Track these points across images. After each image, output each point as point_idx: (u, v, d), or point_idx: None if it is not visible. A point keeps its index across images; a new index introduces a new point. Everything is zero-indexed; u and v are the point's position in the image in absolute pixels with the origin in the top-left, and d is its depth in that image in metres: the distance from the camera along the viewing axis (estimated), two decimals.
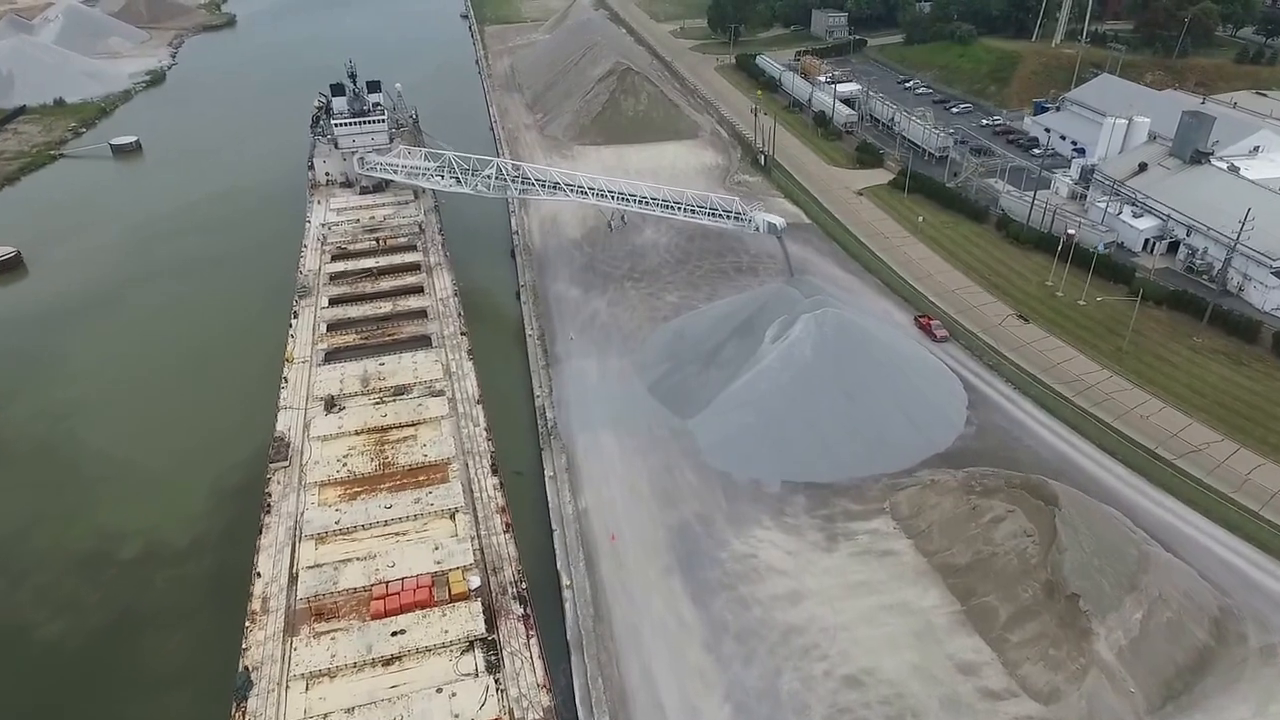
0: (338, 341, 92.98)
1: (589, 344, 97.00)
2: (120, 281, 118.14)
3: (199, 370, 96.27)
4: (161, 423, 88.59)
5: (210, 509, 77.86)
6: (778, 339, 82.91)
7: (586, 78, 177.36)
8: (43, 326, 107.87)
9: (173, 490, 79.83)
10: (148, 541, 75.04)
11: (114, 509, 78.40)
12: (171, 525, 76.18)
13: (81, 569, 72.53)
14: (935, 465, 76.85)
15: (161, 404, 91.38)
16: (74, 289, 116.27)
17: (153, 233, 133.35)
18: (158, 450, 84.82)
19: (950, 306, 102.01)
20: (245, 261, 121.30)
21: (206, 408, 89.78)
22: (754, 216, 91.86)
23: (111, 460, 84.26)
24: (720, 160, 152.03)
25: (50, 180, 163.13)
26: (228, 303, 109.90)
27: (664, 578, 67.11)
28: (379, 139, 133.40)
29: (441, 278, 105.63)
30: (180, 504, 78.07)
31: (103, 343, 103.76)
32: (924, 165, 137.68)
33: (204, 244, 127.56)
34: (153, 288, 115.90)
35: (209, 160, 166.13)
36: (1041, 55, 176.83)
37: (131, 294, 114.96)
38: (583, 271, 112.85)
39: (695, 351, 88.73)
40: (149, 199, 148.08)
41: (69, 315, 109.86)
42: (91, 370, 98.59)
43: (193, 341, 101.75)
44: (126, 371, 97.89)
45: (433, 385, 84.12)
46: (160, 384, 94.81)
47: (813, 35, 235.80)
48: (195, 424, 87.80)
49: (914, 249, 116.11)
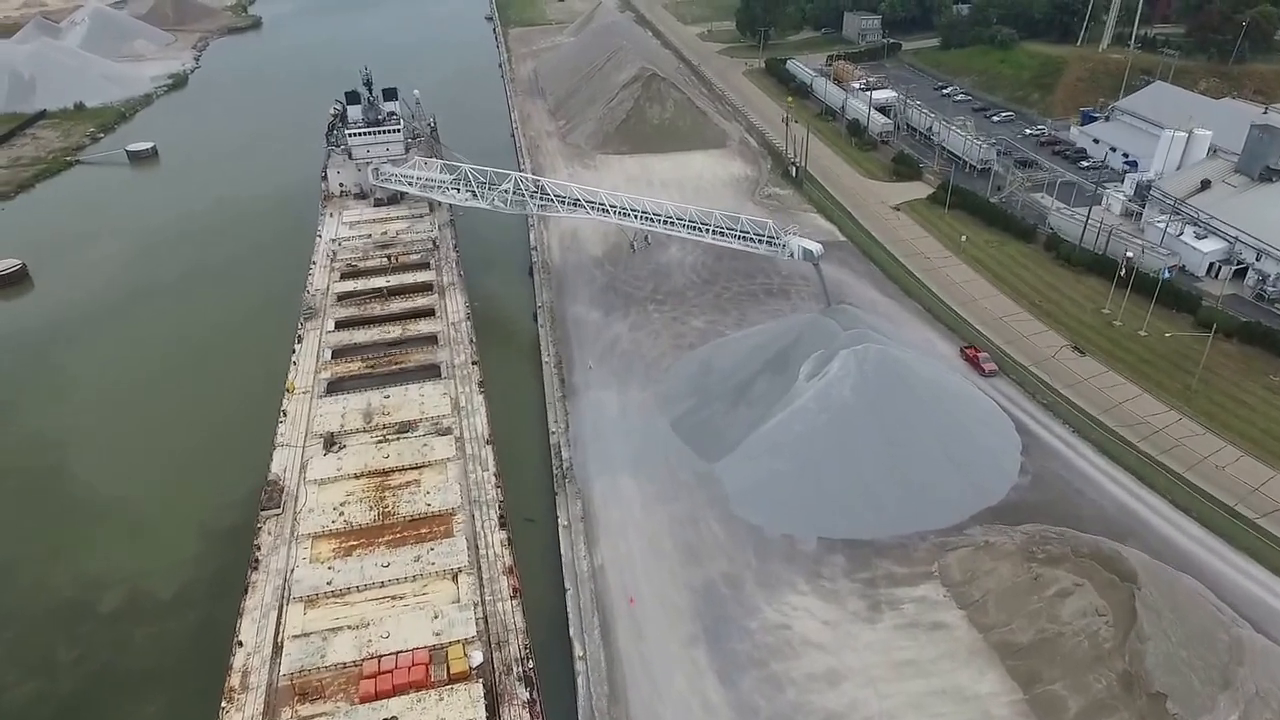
0: (341, 370, 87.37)
1: (608, 373, 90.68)
2: (123, 297, 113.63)
3: (197, 398, 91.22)
4: (154, 455, 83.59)
5: (199, 555, 72.63)
6: (814, 376, 76.02)
7: (611, 83, 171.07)
8: (41, 346, 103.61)
9: (161, 532, 74.76)
10: (130, 591, 70.00)
11: (97, 552, 73.54)
12: (157, 573, 71.09)
13: (58, 622, 67.63)
14: (988, 520, 69.62)
15: (156, 434, 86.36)
16: (76, 306, 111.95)
17: (161, 245, 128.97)
18: (148, 486, 79.86)
19: (998, 336, 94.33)
20: (253, 278, 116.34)
21: (202, 440, 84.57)
22: (789, 241, 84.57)
23: (99, 497, 79.34)
24: (749, 171, 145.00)
25: (65, 187, 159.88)
26: (232, 323, 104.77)
27: (687, 649, 60.62)
28: (394, 149, 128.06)
29: (454, 299, 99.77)
30: (168, 548, 72.98)
31: (100, 365, 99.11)
32: (964, 178, 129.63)
33: (212, 258, 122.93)
34: (156, 306, 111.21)
35: (225, 167, 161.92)
36: (1087, 61, 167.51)
37: (134, 312, 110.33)
38: (603, 292, 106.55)
39: (723, 386, 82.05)
40: (161, 208, 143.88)
41: (68, 334, 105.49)
42: (85, 395, 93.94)
43: (193, 366, 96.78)
44: (122, 396, 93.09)
45: (440, 422, 78.11)
46: (156, 412, 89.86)
47: (844, 39, 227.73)
48: (189, 458, 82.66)
49: (957, 270, 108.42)
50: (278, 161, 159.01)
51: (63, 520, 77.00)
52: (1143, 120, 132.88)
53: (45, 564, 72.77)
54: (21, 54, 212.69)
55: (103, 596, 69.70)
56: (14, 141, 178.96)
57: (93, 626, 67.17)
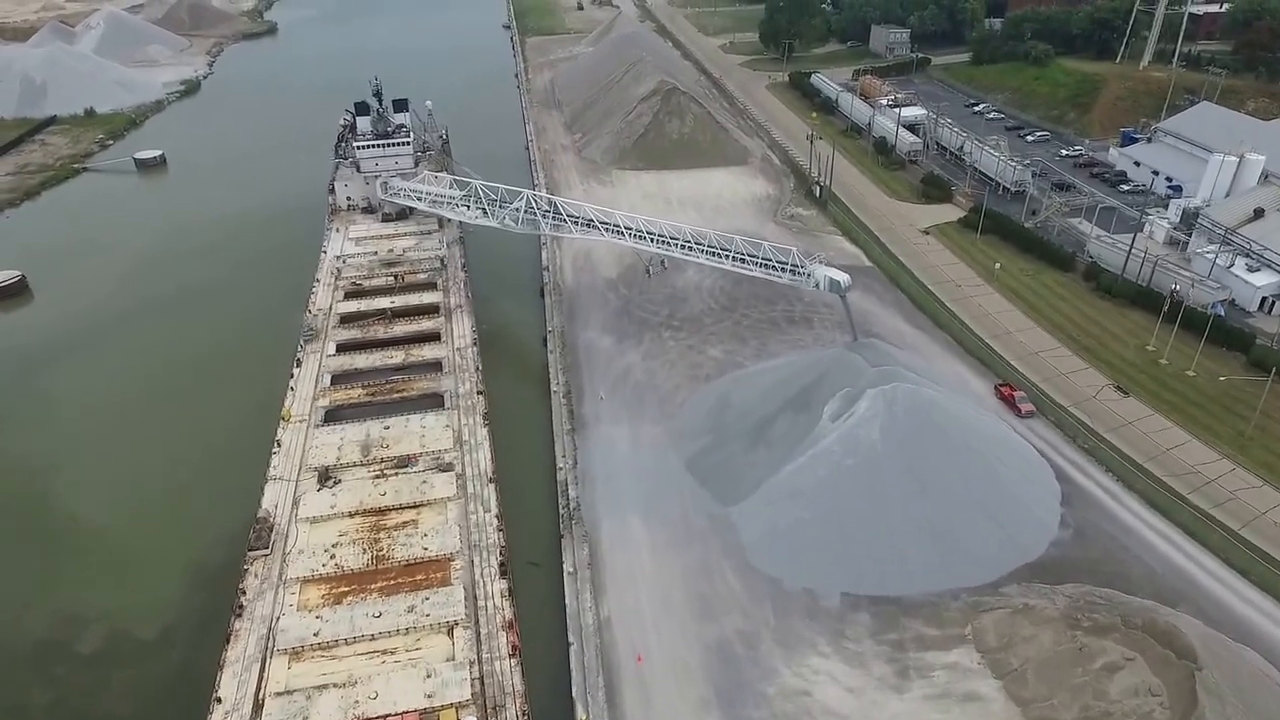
0: (341, 398, 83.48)
1: (620, 405, 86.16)
2: (121, 313, 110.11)
3: (189, 424, 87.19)
4: (142, 484, 79.73)
5: (184, 593, 68.66)
6: (839, 417, 71.12)
7: (629, 96, 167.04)
8: (34, 363, 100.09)
9: (146, 568, 70.95)
10: (111, 631, 66.19)
11: (79, 588, 69.84)
12: (139, 612, 67.26)
13: (35, 662, 64.03)
14: (1026, 579, 64.44)
15: (144, 462, 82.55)
16: (72, 321, 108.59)
17: (164, 257, 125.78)
18: (134, 517, 76.04)
19: (1035, 373, 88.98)
20: (255, 294, 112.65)
21: (192, 470, 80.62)
22: (814, 271, 79.41)
23: (82, 527, 75.62)
24: (771, 190, 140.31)
25: (70, 196, 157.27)
26: (230, 343, 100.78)
27: (698, 716, 55.87)
28: (404, 163, 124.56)
29: (461, 322, 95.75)
30: (152, 585, 69.17)
31: (91, 385, 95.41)
32: (997, 201, 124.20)
33: (215, 272, 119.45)
34: (154, 322, 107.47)
35: (233, 177, 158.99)
36: (1127, 79, 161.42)
37: (130, 329, 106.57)
38: (617, 317, 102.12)
39: (741, 424, 77.26)
40: (166, 218, 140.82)
41: (62, 351, 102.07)
42: (74, 417, 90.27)
43: (187, 389, 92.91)
44: (111, 420, 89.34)
45: (441, 457, 73.96)
46: (146, 438, 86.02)
47: (871, 52, 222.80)
48: (178, 489, 78.75)
49: (990, 300, 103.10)
50: (287, 171, 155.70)
51: (44, 552, 73.36)
52: (1188, 142, 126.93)
53: (24, 598, 69.17)
54: (34, 59, 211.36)
55: (82, 635, 65.94)
56: (23, 147, 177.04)
57: (70, 668, 63.43)
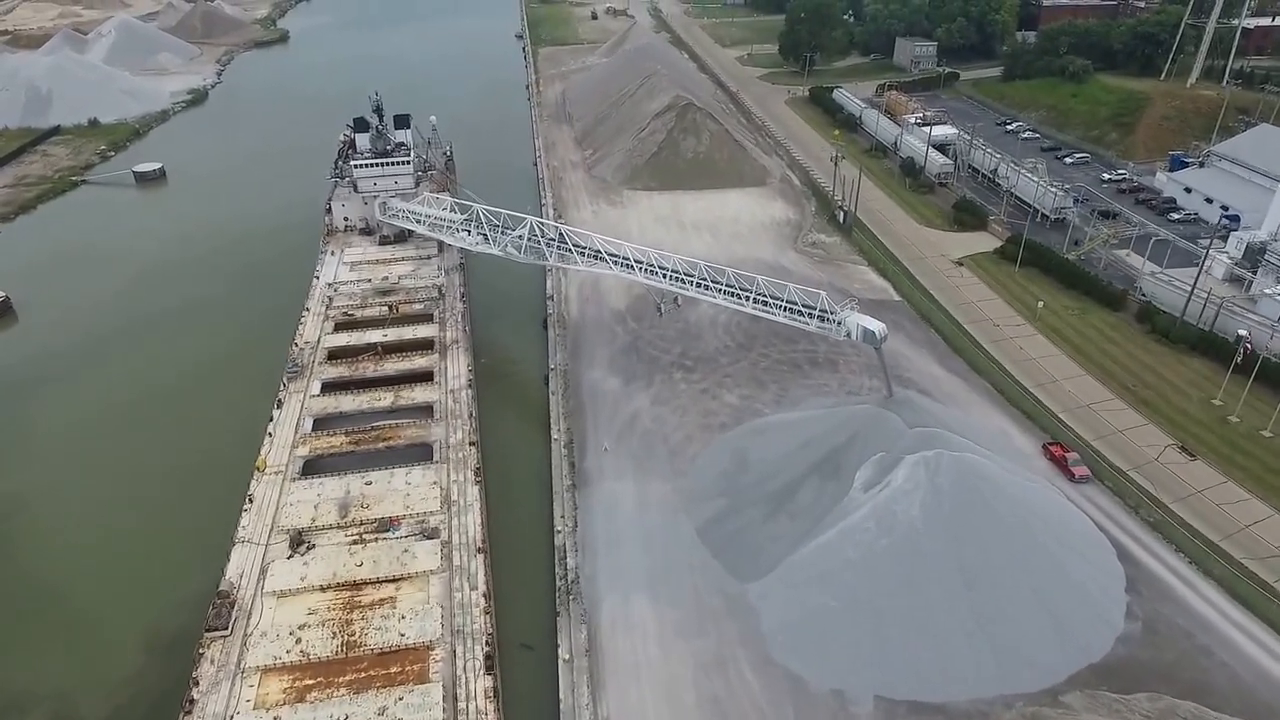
0: (322, 446, 76.08)
1: (626, 458, 78.29)
2: (103, 338, 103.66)
3: (161, 468, 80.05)
4: (104, 540, 72.58)
5: (138, 670, 61.72)
6: (872, 486, 62.96)
7: (642, 111, 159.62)
8: (12, 392, 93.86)
9: (100, 638, 64.16)
10: (55, 714, 58.96)
11: (25, 659, 63.04)
12: (88, 690, 60.58)
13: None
14: (1089, 684, 55.95)
15: (108, 513, 75.31)
16: (51, 348, 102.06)
17: (153, 279, 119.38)
18: (92, 579, 69.03)
19: (1087, 428, 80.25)
20: (243, 322, 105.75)
21: (158, 526, 73.40)
22: (845, 319, 70.71)
23: (37, 588, 68.63)
24: (791, 214, 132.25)
25: (66, 210, 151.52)
26: (212, 379, 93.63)
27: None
28: (403, 183, 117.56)
29: (456, 360, 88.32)
30: (105, 659, 62.52)
31: (63, 420, 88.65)
32: (1036, 229, 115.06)
33: (204, 297, 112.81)
34: (135, 353, 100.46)
35: (233, 191, 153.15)
36: (1174, 97, 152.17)
37: (111, 357, 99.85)
38: (625, 354, 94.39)
39: (760, 489, 69.13)
40: (160, 236, 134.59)
41: (36, 382, 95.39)
42: (45, 456, 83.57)
43: (160, 430, 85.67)
44: (81, 461, 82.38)
45: (426, 520, 66.34)
46: (110, 485, 78.79)
47: (895, 66, 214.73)
48: (143, 543, 71.94)
49: (1032, 343, 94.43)
50: (289, 186, 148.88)
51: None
52: (1246, 168, 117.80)
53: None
54: (41, 67, 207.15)
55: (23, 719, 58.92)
56: (23, 158, 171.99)
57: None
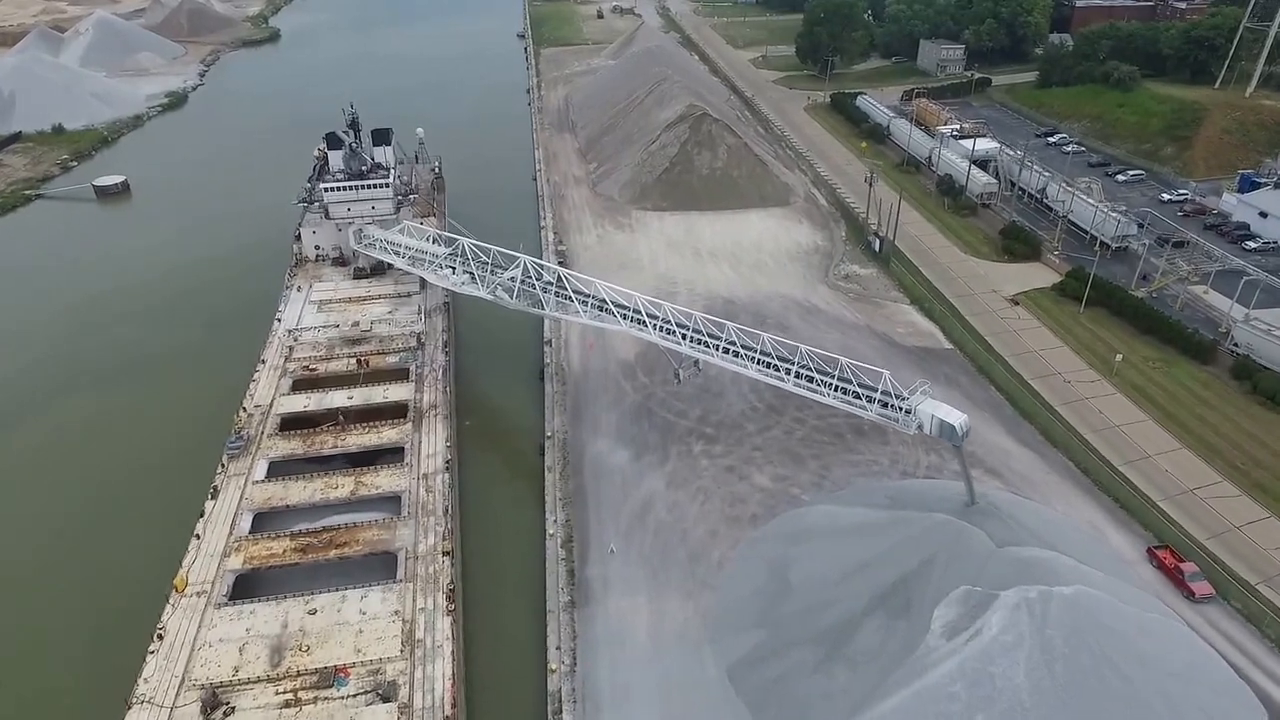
0: (260, 555, 61.71)
1: (637, 561, 64.27)
2: (23, 399, 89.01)
3: (57, 596, 64.05)
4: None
5: None
6: (958, 633, 48.84)
7: (652, 121, 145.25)
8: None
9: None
10: None
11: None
12: None
13: None
14: None
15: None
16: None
17: (96, 316, 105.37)
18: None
19: (1195, 523, 66.09)
20: (189, 380, 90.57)
21: (43, 678, 58.59)
22: (917, 408, 54.81)
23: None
24: (819, 240, 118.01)
25: (14, 230, 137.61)
26: (142, 459, 77.90)
27: None
28: (382, 207, 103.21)
29: (433, 432, 74.10)
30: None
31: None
32: (1090, 255, 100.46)
33: (150, 342, 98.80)
34: (56, 422, 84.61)
35: (201, 210, 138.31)
36: (1234, 108, 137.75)
37: (28, 426, 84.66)
38: (634, 419, 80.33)
39: (809, 623, 54.94)
40: (112, 263, 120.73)
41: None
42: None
43: (70, 532, 69.99)
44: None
45: (380, 672, 52.23)
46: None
47: (919, 69, 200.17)
48: (21, 706, 57.18)
49: (1112, 405, 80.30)
50: (262, 203, 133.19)
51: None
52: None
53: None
54: (4, 68, 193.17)
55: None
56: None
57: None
